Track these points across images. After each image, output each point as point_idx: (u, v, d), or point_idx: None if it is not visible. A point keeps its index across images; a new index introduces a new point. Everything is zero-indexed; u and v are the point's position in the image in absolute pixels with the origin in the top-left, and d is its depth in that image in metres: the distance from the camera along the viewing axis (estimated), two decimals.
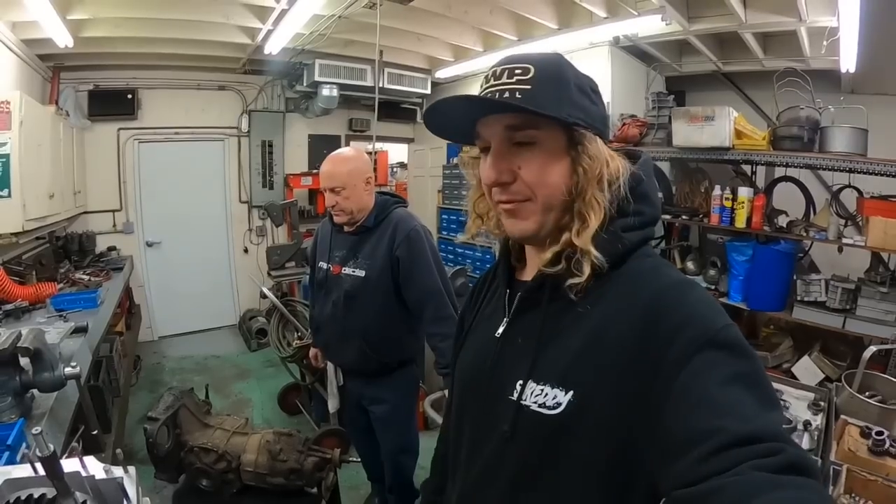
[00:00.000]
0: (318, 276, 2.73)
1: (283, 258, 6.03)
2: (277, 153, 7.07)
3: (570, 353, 0.88)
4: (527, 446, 0.92)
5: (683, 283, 0.87)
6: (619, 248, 0.89)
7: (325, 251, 2.70)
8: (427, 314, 2.52)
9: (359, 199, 2.54)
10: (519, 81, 0.89)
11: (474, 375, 1.07)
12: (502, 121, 0.91)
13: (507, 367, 0.98)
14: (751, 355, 0.76)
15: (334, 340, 2.70)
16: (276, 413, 4.55)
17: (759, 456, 0.61)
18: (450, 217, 6.58)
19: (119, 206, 6.18)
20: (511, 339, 1.00)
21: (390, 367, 2.65)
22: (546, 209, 0.92)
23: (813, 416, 2.40)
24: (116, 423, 3.58)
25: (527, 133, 0.90)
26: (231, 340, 6.66)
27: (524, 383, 0.92)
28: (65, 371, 2.02)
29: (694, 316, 0.79)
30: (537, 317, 0.95)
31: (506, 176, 0.91)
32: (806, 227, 3.94)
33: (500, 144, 0.92)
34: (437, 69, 6.61)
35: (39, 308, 3.42)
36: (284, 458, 1.90)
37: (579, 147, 0.90)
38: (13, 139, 3.35)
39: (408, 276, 2.50)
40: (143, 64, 5.80)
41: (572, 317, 0.91)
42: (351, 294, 2.54)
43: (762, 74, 4.81)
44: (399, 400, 2.73)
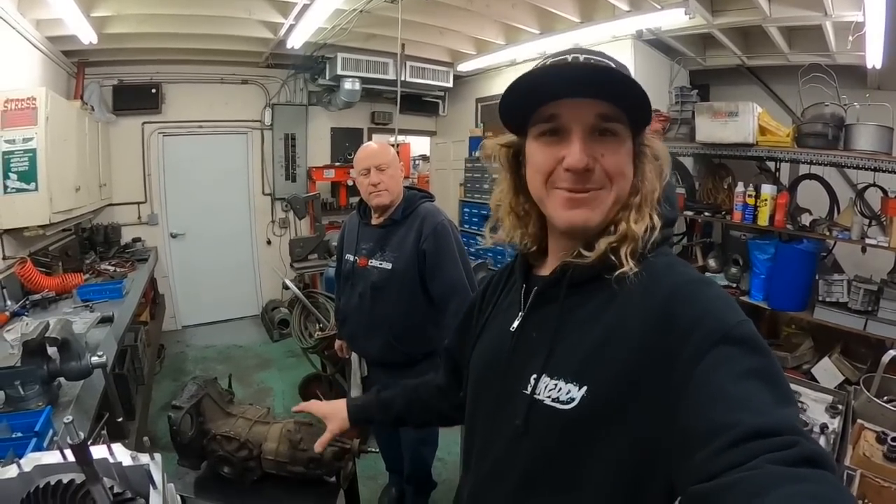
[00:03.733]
0: (345, 268, 2.76)
1: (306, 251, 6.09)
2: (300, 146, 7.09)
3: (585, 348, 0.88)
4: (539, 441, 0.92)
5: (699, 281, 0.87)
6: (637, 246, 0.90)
7: (353, 244, 2.72)
8: (451, 307, 2.52)
9: (398, 183, 2.59)
10: (620, 69, 0.90)
11: (488, 369, 1.08)
12: (596, 108, 0.89)
13: (521, 361, 0.98)
14: (766, 351, 0.76)
15: (360, 332, 2.73)
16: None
17: (775, 449, 0.61)
18: (471, 210, 6.57)
19: (144, 199, 6.27)
20: (526, 333, 1.01)
21: (415, 359, 2.67)
22: (616, 201, 0.92)
23: (830, 420, 2.36)
24: (140, 410, 3.65)
25: (615, 125, 0.89)
26: (253, 331, 6.73)
27: (538, 377, 0.92)
28: (91, 360, 2.07)
29: (709, 312, 0.79)
30: (553, 311, 0.96)
31: (592, 163, 0.89)
32: (829, 227, 3.87)
33: (588, 131, 0.89)
34: (460, 62, 6.59)
35: (66, 298, 3.50)
36: (305, 448, 1.92)
37: (645, 146, 0.93)
38: (39, 134, 3.43)
39: (433, 269, 2.52)
40: (167, 59, 5.86)
41: (589, 311, 0.91)
42: (377, 286, 2.57)
43: (787, 69, 4.75)
44: None
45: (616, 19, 4.61)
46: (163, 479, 1.10)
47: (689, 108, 4.52)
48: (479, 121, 7.29)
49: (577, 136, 0.89)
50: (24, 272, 3.44)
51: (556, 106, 0.91)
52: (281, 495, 1.97)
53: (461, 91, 7.55)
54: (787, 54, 4.73)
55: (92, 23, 4.14)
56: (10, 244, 3.63)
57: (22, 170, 3.42)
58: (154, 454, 1.11)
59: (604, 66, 0.90)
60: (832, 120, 3.71)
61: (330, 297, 4.09)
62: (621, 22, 4.62)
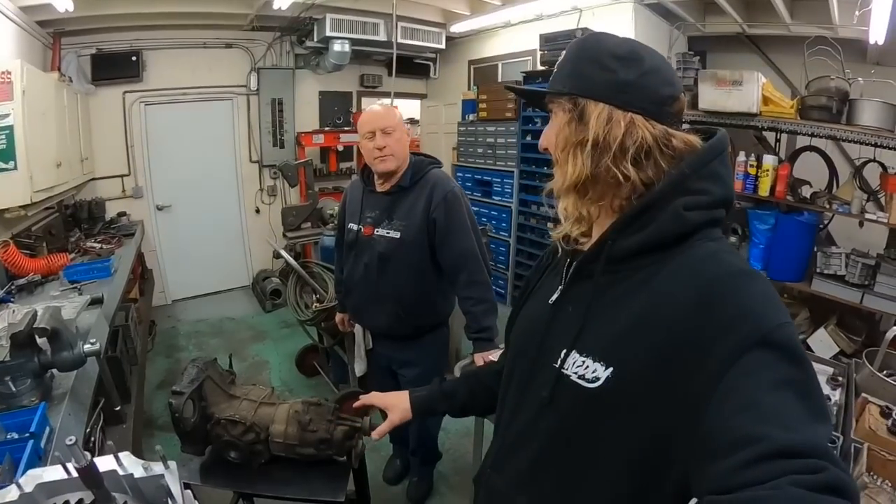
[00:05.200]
0: (348, 237, 2.65)
1: (299, 219, 5.94)
2: (288, 111, 6.92)
3: (615, 329, 0.88)
4: (562, 415, 0.95)
5: (744, 273, 0.82)
6: (678, 226, 0.87)
7: (356, 212, 2.61)
8: (462, 278, 2.47)
9: (405, 148, 2.49)
10: (556, 67, 1.02)
11: (525, 339, 1.10)
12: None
13: (555, 334, 1.00)
14: (804, 360, 0.73)
15: (366, 303, 2.65)
16: (293, 375, 4.57)
17: (800, 471, 0.59)
18: (465, 175, 6.49)
19: (127, 171, 6.10)
20: (562, 307, 1.02)
21: (422, 330, 2.63)
22: (555, 166, 1.00)
23: (832, 391, 2.37)
24: (136, 391, 3.57)
25: (549, 106, 1.02)
26: (245, 302, 6.67)
27: (567, 352, 0.94)
28: (84, 348, 2.00)
29: (750, 310, 0.76)
30: (589, 287, 0.96)
31: (543, 143, 1.04)
32: (829, 200, 3.92)
33: (551, 118, 1.03)
34: (453, 23, 6.42)
35: (53, 280, 3.40)
36: (314, 429, 1.87)
37: (577, 114, 0.94)
38: (16, 110, 3.28)
39: (444, 238, 2.44)
40: (147, 24, 5.62)
41: (623, 291, 0.91)
42: (385, 256, 2.48)
43: (786, 39, 4.78)
44: (430, 363, 2.69)
45: None
46: (181, 490, 1.02)
47: (690, 74, 4.46)
48: (473, 83, 7.14)
49: None
50: (8, 256, 3.31)
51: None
52: (290, 477, 1.93)
53: (453, 53, 7.40)
54: (789, 24, 4.67)
55: None
56: None
57: (0, 148, 3.26)
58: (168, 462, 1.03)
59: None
60: (837, 94, 3.72)
61: (326, 267, 3.99)
62: None
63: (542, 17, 5.82)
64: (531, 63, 6.05)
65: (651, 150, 0.90)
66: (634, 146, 0.89)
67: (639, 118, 0.90)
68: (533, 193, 5.72)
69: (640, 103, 0.91)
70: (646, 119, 0.91)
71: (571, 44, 1.01)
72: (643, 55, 0.93)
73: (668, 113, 0.93)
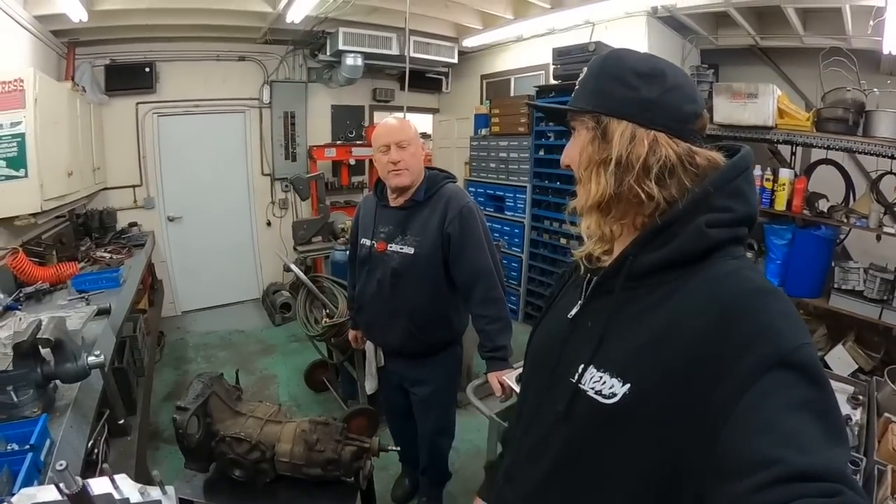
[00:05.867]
0: (361, 253, 2.60)
1: (310, 233, 5.91)
2: (300, 124, 6.93)
3: (634, 344, 0.88)
4: (576, 431, 0.94)
5: (765, 291, 0.82)
6: (700, 243, 0.87)
7: (369, 227, 2.56)
8: (476, 295, 2.41)
9: (420, 162, 2.44)
10: (577, 84, 1.02)
11: (543, 353, 1.11)
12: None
13: (573, 349, 1.00)
14: (824, 381, 0.73)
15: (378, 320, 2.59)
16: (302, 390, 4.50)
17: (816, 495, 0.60)
18: (477, 189, 6.44)
19: (139, 182, 6.11)
20: (581, 322, 1.02)
21: (435, 348, 2.56)
22: (578, 184, 1.00)
23: (852, 410, 2.31)
24: (141, 403, 3.52)
25: (571, 123, 1.02)
26: (255, 315, 6.62)
27: (585, 367, 0.93)
28: (88, 360, 1.95)
29: (771, 329, 0.76)
30: (609, 303, 0.95)
31: (565, 160, 1.04)
32: (846, 214, 3.86)
33: (572, 135, 1.03)
34: (465, 37, 6.40)
35: (61, 289, 3.37)
36: (321, 449, 1.82)
37: (600, 132, 0.95)
38: (28, 118, 3.28)
39: (458, 254, 2.39)
40: (161, 36, 5.66)
41: (643, 307, 0.90)
42: (398, 272, 2.43)
43: (799, 51, 4.74)
44: (442, 382, 2.64)
45: None
46: None
47: (705, 87, 4.43)
48: (485, 98, 7.12)
49: None
50: (17, 263, 3.29)
51: None
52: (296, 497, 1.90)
53: (466, 67, 7.40)
54: (803, 36, 4.64)
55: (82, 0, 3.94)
56: (1, 234, 3.50)
57: (10, 156, 3.27)
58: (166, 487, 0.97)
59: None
60: (853, 105, 3.66)
61: (336, 282, 3.94)
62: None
63: (554, 32, 5.81)
64: (544, 77, 6.02)
65: (675, 168, 0.90)
66: (658, 164, 0.89)
67: (662, 136, 0.91)
68: (546, 208, 5.67)
69: (663, 121, 0.92)
70: (669, 137, 0.91)
71: (593, 60, 1.01)
72: (665, 72, 0.94)
73: (690, 130, 0.93)
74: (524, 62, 6.44)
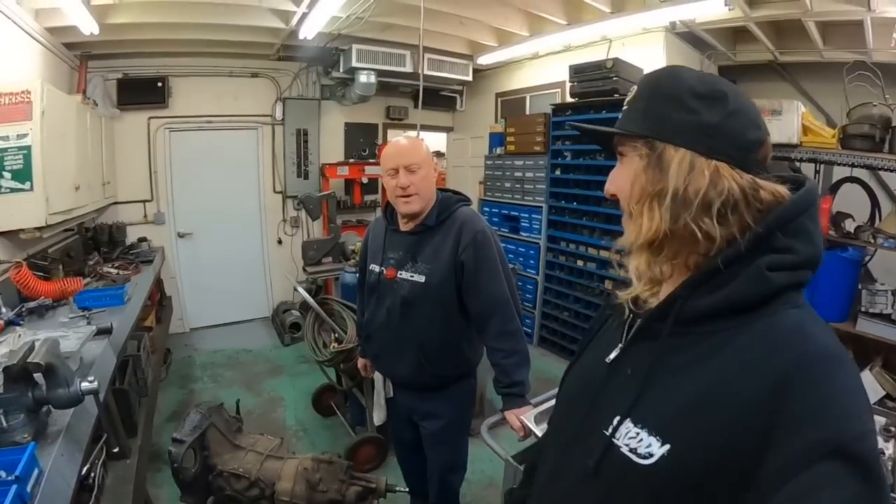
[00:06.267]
0: (370, 279, 2.46)
1: (320, 253, 5.78)
2: (313, 142, 6.89)
3: (678, 401, 0.79)
4: (605, 489, 0.87)
5: (832, 358, 0.73)
6: (760, 289, 0.78)
7: (378, 252, 2.42)
8: (491, 327, 2.26)
9: (431, 187, 2.29)
10: (626, 104, 0.93)
11: (577, 397, 1.02)
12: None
13: (609, 397, 0.92)
14: (879, 478, 0.65)
15: (387, 351, 2.45)
16: (309, 414, 4.37)
17: None
18: (492, 210, 6.34)
19: (150, 197, 6.09)
20: (620, 367, 0.93)
21: (447, 381, 2.41)
22: (627, 218, 0.90)
23: (885, 443, 2.11)
24: (143, 423, 3.42)
25: (619, 148, 0.92)
26: (264, 334, 6.53)
27: (621, 420, 0.85)
28: (81, 386, 1.84)
29: (832, 408, 0.68)
30: (652, 349, 0.86)
31: (611, 188, 0.94)
32: (873, 234, 3.72)
33: (617, 160, 0.94)
34: (479, 55, 6.33)
35: (64, 305, 3.28)
36: (324, 489, 1.70)
37: (654, 160, 0.85)
38: (34, 130, 3.23)
39: (472, 283, 2.24)
40: (174, 51, 5.67)
41: (691, 358, 0.81)
42: (408, 301, 2.28)
43: (819, 66, 4.70)
44: (454, 415, 2.48)
45: (649, 10, 4.38)
46: None
47: None
48: (500, 116, 7.05)
49: None
50: (20, 277, 3.21)
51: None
52: None
53: (480, 85, 7.36)
54: (822, 50, 4.59)
55: (93, 12, 3.91)
56: (6, 247, 3.44)
57: (16, 168, 3.23)
58: None
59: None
60: (880, 121, 3.53)
61: (346, 305, 3.82)
62: (654, 13, 4.39)
63: (570, 48, 5.75)
64: (560, 96, 5.96)
65: (737, 203, 0.80)
66: (720, 199, 0.79)
67: (724, 167, 0.81)
68: (562, 229, 5.55)
69: (725, 149, 0.82)
70: (731, 167, 0.81)
71: (644, 79, 0.93)
72: (727, 93, 0.84)
73: (754, 160, 0.83)
74: (540, 80, 6.39)
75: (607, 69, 4.67)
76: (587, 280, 5.24)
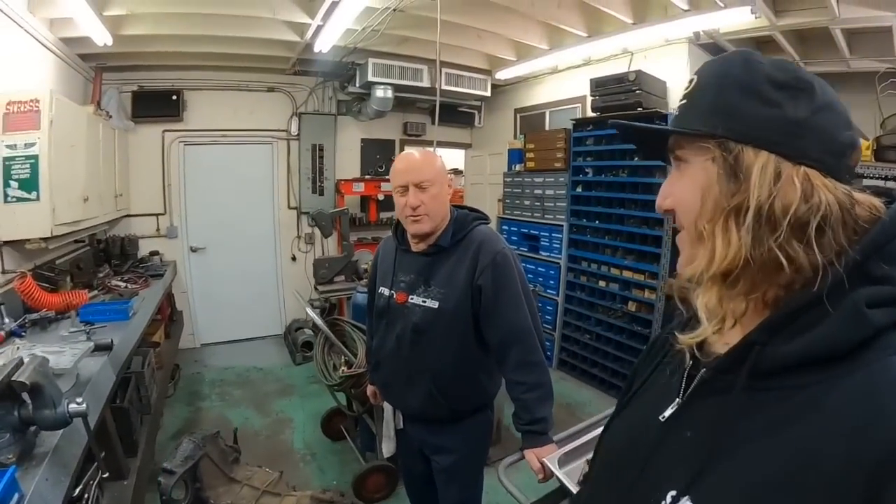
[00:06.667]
0: (379, 303, 2.28)
1: (332, 272, 5.62)
2: (328, 157, 6.82)
3: (753, 478, 0.62)
4: None
5: None
6: (858, 331, 0.60)
7: (388, 274, 2.24)
8: (512, 358, 2.06)
9: (444, 206, 2.11)
10: (683, 98, 0.77)
11: (622, 459, 0.85)
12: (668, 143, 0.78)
13: (663, 465, 0.75)
14: None
15: (396, 381, 2.26)
16: (318, 437, 4.22)
17: None
18: (511, 228, 6.20)
19: (163, 210, 6.05)
20: (678, 429, 0.75)
21: (462, 414, 2.21)
22: (691, 240, 0.74)
23: None
24: (144, 442, 3.29)
25: (677, 152, 0.76)
26: (275, 352, 6.41)
27: (677, 497, 0.68)
28: (69, 408, 1.74)
29: None
30: (720, 408, 0.69)
31: (666, 202, 0.78)
32: None
33: (672, 168, 0.78)
34: (498, 69, 6.24)
35: (66, 318, 3.22)
36: None
37: (729, 166, 0.68)
38: (42, 139, 3.19)
39: (491, 309, 2.04)
40: (189, 65, 5.66)
41: (770, 422, 0.64)
42: (420, 328, 2.09)
43: (844, 76, 4.53)
44: (468, 451, 2.28)
45: (672, 20, 4.25)
46: None
47: None
48: (519, 132, 6.95)
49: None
50: (24, 288, 3.17)
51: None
52: None
53: (499, 101, 7.26)
54: (849, 59, 4.44)
55: (106, 23, 3.89)
56: (13, 257, 3.38)
57: (23, 177, 3.18)
58: None
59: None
60: None
61: (358, 327, 3.66)
62: (678, 23, 4.26)
63: (590, 62, 5.64)
64: (580, 110, 5.83)
65: (833, 221, 0.64)
66: (817, 217, 0.63)
67: (815, 174, 0.65)
68: (583, 249, 5.37)
69: (815, 153, 0.66)
70: (823, 175, 0.65)
71: (708, 66, 0.76)
72: (812, 83, 0.69)
73: (846, 167, 0.68)
74: (559, 95, 6.27)
75: (630, 82, 4.54)
76: (609, 301, 5.05)
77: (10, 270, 3.30)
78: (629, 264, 4.78)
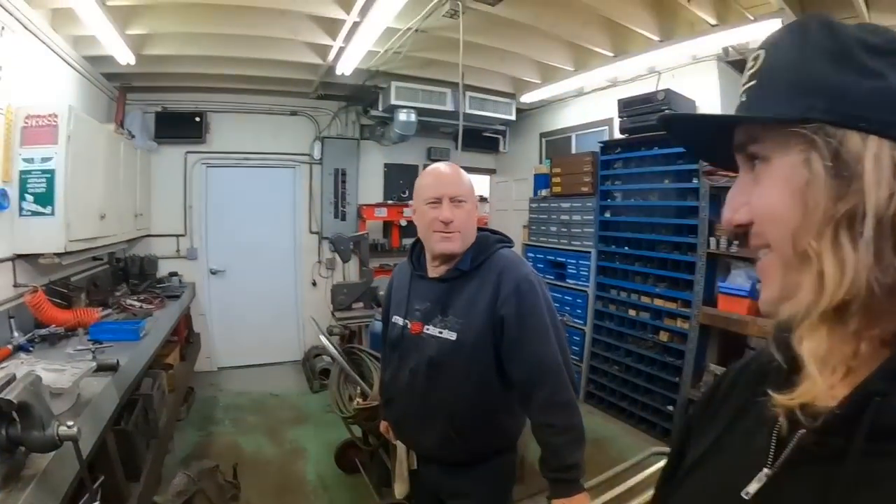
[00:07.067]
0: (392, 333, 2.09)
1: (350, 298, 5.50)
2: (351, 182, 6.77)
3: None
4: None
5: None
6: None
7: (403, 302, 2.06)
8: (538, 397, 1.82)
9: (475, 226, 1.94)
10: (749, 78, 0.61)
11: None
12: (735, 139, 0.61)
13: None
14: None
15: (410, 419, 2.06)
16: (331, 469, 4.03)
17: None
18: (537, 255, 6.02)
19: (183, 231, 6.06)
20: None
21: (481, 457, 1.99)
22: (786, 264, 0.55)
23: None
24: (148, 469, 3.14)
25: (751, 149, 0.59)
26: (292, 378, 6.29)
27: None
28: (59, 431, 1.62)
29: None
30: (829, 482, 0.51)
31: (739, 214, 0.60)
32: None
33: (741, 171, 0.61)
34: (523, 93, 6.15)
35: (76, 335, 3.17)
36: None
37: (829, 159, 0.51)
38: (59, 154, 3.20)
39: (515, 343, 1.83)
40: (213, 87, 5.70)
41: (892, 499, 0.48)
42: (436, 361, 1.89)
43: None
44: (487, 496, 2.04)
45: (700, 35, 4.11)
46: None
47: None
48: (545, 157, 6.82)
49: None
50: (34, 302, 3.13)
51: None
52: None
53: (524, 125, 7.18)
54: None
55: (128, 42, 3.91)
56: (27, 271, 3.36)
57: (39, 192, 3.18)
58: None
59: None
60: None
61: (374, 356, 3.49)
62: (706, 38, 4.11)
63: (616, 84, 5.53)
64: (608, 133, 5.70)
65: None
66: None
67: None
68: (612, 276, 5.17)
69: None
70: None
71: (775, 36, 0.60)
72: None
73: None
74: (586, 118, 6.15)
75: (659, 101, 4.41)
76: (640, 331, 4.82)
77: (21, 284, 3.25)
78: (661, 292, 4.57)
